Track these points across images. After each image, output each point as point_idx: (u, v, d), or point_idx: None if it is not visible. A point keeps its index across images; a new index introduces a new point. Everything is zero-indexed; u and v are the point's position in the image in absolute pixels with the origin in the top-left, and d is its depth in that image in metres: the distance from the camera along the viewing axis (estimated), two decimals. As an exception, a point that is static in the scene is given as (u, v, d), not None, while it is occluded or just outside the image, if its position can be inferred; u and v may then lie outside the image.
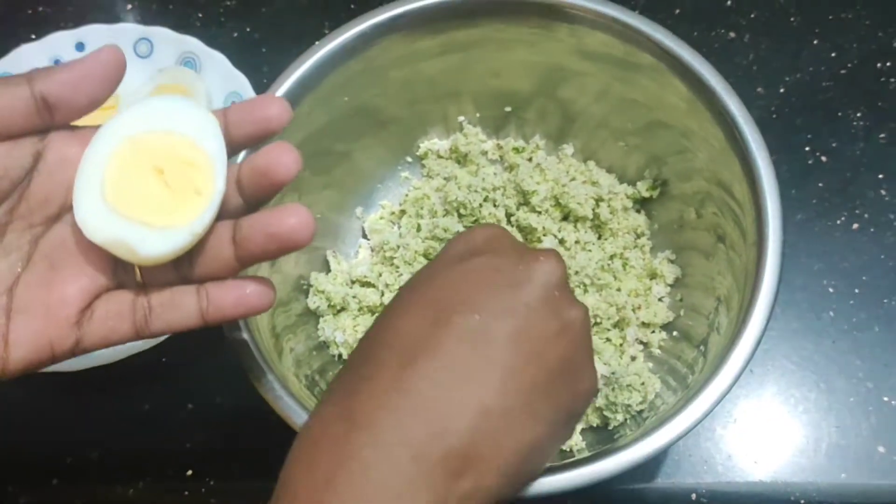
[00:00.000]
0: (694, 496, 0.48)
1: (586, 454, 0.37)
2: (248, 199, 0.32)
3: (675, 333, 0.48)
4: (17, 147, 0.30)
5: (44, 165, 0.30)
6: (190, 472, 0.49)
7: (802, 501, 0.47)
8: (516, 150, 0.54)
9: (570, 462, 0.36)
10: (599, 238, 0.51)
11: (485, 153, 0.54)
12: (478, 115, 0.54)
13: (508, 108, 0.53)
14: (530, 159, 0.53)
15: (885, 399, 0.49)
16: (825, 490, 0.47)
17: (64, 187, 0.31)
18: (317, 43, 0.46)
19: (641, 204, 0.52)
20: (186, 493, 0.49)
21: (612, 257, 0.50)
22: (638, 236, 0.51)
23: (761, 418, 0.50)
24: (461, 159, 0.54)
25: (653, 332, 0.48)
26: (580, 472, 0.35)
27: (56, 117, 0.30)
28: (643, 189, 0.51)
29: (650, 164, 0.51)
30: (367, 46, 0.46)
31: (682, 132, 0.47)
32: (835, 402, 0.50)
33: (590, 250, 0.50)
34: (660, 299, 0.49)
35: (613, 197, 0.51)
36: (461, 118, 0.54)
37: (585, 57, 0.48)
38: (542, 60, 0.49)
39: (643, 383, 0.44)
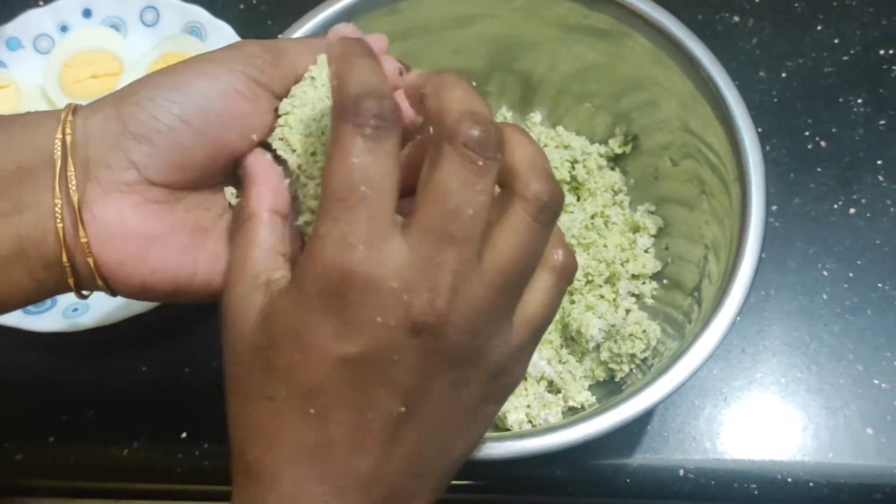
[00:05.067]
0: (682, 472, 0.48)
1: (596, 407, 0.37)
2: None
3: (665, 282, 0.49)
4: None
5: None
6: (184, 435, 0.50)
7: (790, 480, 0.48)
8: None
9: (584, 415, 0.37)
10: (578, 199, 0.52)
11: None
12: (442, 94, 0.55)
13: (472, 84, 0.53)
14: (500, 132, 0.54)
15: (875, 382, 0.50)
16: (813, 469, 0.48)
17: None
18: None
19: (615, 161, 0.53)
20: (180, 455, 0.49)
21: (593, 216, 0.51)
22: (616, 193, 0.52)
23: (751, 398, 0.50)
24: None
25: (643, 282, 0.49)
26: (596, 421, 0.36)
27: None
28: (615, 146, 0.52)
29: (618, 121, 0.52)
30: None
31: (646, 86, 0.48)
32: (825, 384, 0.50)
33: (571, 212, 0.51)
34: (646, 250, 0.50)
35: (587, 157, 0.51)
36: None
37: (547, 25, 0.48)
38: (500, 33, 0.50)
39: (644, 331, 0.44)
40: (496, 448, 0.36)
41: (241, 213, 0.31)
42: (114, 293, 0.31)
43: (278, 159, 0.32)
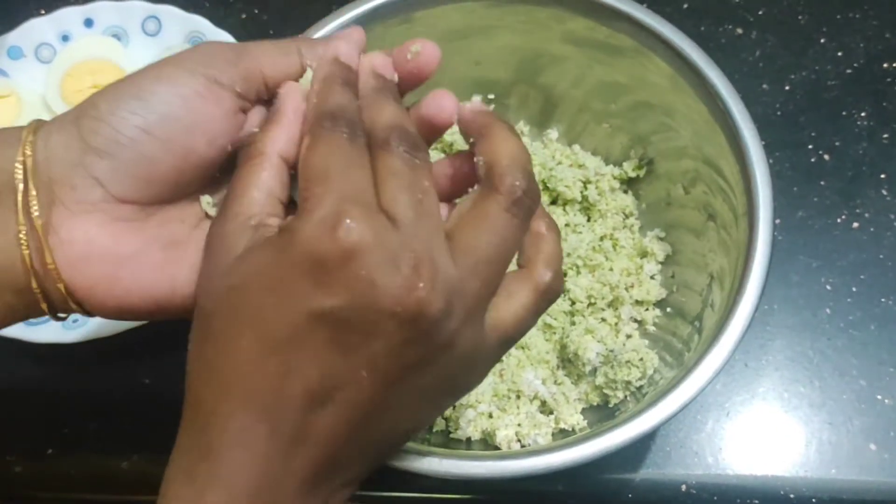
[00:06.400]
0: (684, 487, 0.48)
1: (586, 432, 0.37)
2: None
3: (668, 310, 0.48)
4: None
5: None
6: (185, 447, 0.50)
7: (792, 496, 0.48)
8: None
9: (571, 440, 0.36)
10: (589, 220, 0.52)
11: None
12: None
13: (491, 96, 0.53)
14: (516, 146, 0.54)
15: (879, 397, 0.50)
16: (815, 485, 0.48)
17: None
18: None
19: (628, 184, 0.53)
20: (181, 467, 0.49)
21: (602, 238, 0.50)
22: (626, 216, 0.52)
23: (754, 413, 0.50)
24: (447, 149, 0.54)
25: (646, 309, 0.49)
26: (581, 448, 0.36)
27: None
28: (629, 169, 0.52)
29: (635, 144, 0.51)
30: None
31: (665, 111, 0.47)
32: (828, 399, 0.50)
33: (580, 232, 0.50)
34: (652, 277, 0.50)
35: (600, 178, 0.51)
36: None
37: (567, 41, 0.48)
38: (523, 46, 0.50)
39: (641, 359, 0.44)
40: (479, 467, 0.36)
41: (251, 146, 0.30)
42: (91, 315, 0.30)
43: None
